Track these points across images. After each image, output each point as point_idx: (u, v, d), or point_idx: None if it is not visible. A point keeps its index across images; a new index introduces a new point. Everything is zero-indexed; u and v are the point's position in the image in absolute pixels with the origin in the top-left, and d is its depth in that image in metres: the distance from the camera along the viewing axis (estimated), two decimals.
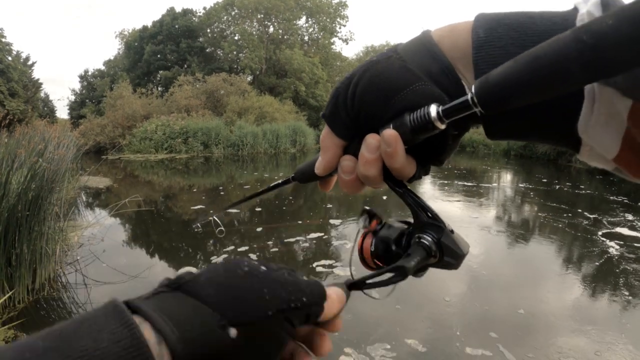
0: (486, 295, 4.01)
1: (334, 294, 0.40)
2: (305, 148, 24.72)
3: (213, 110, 24.19)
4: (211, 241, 6.35)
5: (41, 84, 30.72)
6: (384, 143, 0.41)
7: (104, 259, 4.91)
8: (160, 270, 4.87)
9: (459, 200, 8.92)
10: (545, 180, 12.64)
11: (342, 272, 4.57)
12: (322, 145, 0.48)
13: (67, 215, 5.03)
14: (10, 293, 3.55)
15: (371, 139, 0.43)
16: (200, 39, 35.02)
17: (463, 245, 0.42)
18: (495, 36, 0.39)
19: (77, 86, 37.22)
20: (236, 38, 34.11)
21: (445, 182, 11.64)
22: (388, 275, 0.41)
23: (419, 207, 0.44)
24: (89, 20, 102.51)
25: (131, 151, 18.76)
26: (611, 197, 9.45)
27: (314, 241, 5.94)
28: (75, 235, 5.42)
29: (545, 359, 2.94)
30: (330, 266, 4.78)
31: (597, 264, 4.92)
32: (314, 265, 4.86)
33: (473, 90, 0.35)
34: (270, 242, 5.90)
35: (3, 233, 3.60)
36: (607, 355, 3.00)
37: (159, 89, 31.90)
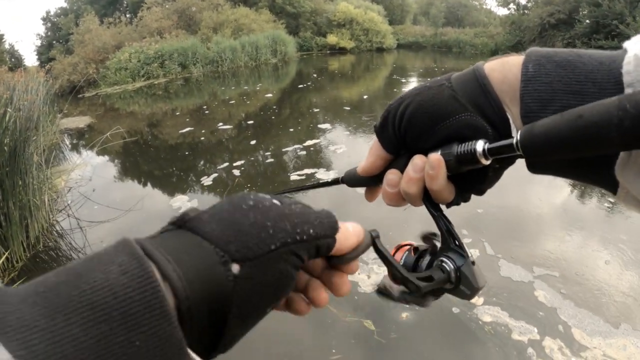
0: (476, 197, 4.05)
1: (350, 227, 0.39)
2: (287, 57, 23.72)
3: (187, 29, 22.97)
4: (202, 162, 6.26)
5: (2, 35, 29.12)
6: (429, 165, 0.43)
7: (95, 198, 4.84)
8: (154, 200, 4.82)
9: None
10: None
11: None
12: (369, 152, 0.50)
13: (49, 162, 4.89)
14: (7, 254, 3.44)
15: (418, 159, 0.45)
16: None
17: (480, 278, 0.43)
18: (543, 72, 0.39)
19: (42, 29, 34.67)
20: None
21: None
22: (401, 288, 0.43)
23: (449, 233, 0.45)
24: None
25: (107, 84, 17.97)
26: None
27: (312, 148, 5.92)
28: (62, 180, 5.31)
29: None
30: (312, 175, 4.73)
31: None
32: (309, 172, 4.84)
33: (518, 136, 0.36)
34: (267, 153, 5.85)
35: None
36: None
37: (127, 15, 29.91)
